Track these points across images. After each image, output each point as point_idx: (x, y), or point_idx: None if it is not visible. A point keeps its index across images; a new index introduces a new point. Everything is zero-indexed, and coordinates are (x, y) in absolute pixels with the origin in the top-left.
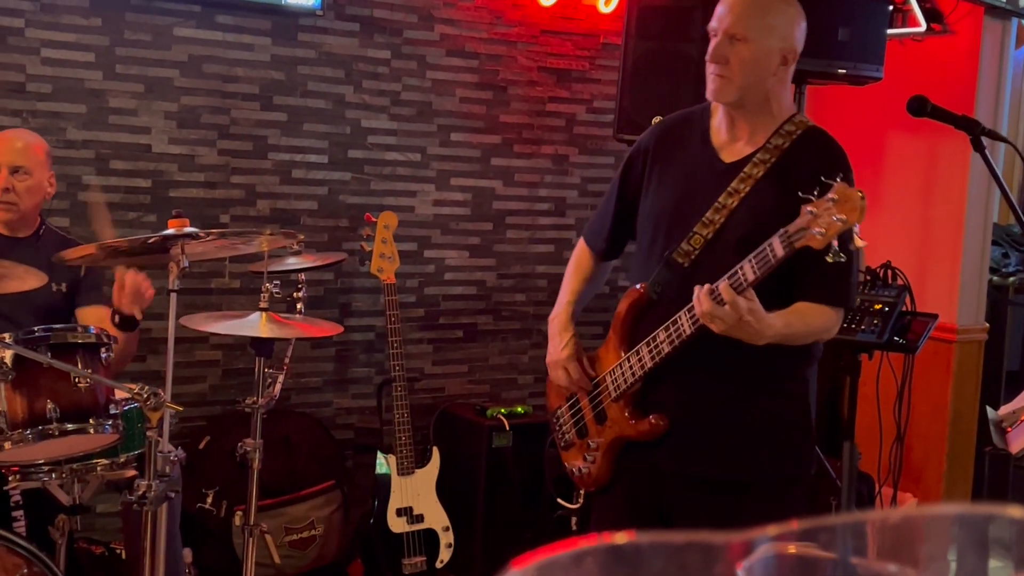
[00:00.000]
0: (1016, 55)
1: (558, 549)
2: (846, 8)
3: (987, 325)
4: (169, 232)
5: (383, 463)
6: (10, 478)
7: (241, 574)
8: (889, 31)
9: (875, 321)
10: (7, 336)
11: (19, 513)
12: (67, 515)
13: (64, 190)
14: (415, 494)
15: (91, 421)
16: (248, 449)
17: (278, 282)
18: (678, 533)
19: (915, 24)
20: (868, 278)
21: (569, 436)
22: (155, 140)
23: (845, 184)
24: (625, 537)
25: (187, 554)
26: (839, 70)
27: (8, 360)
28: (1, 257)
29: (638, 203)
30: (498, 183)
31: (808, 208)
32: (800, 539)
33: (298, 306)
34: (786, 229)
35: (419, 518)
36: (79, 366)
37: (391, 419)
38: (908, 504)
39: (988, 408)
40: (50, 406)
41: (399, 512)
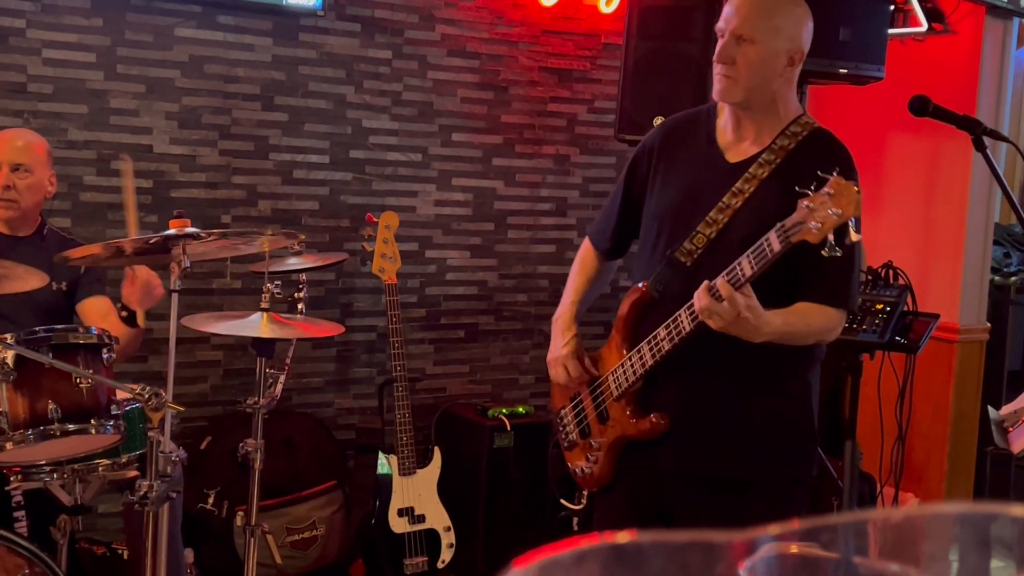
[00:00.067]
0: (1017, 55)
1: (560, 548)
2: (847, 8)
3: (989, 325)
4: (170, 232)
5: (384, 463)
6: (11, 478)
7: (243, 574)
8: (890, 31)
9: (876, 321)
10: (8, 336)
11: (20, 513)
12: (68, 515)
13: (65, 190)
14: (416, 494)
15: (92, 421)
16: (249, 449)
17: (279, 282)
18: (680, 532)
19: (916, 24)
20: (870, 278)
21: (572, 436)
22: (156, 140)
23: (840, 178)
24: (627, 536)
25: (189, 554)
26: (840, 70)
27: (9, 360)
28: (2, 257)
29: (643, 202)
30: (499, 183)
31: (804, 202)
32: (802, 538)
33: (299, 306)
34: (783, 223)
35: (420, 518)
36: (81, 366)
37: (392, 419)
38: (910, 504)
39: (989, 408)
40: (51, 406)
41: (400, 512)
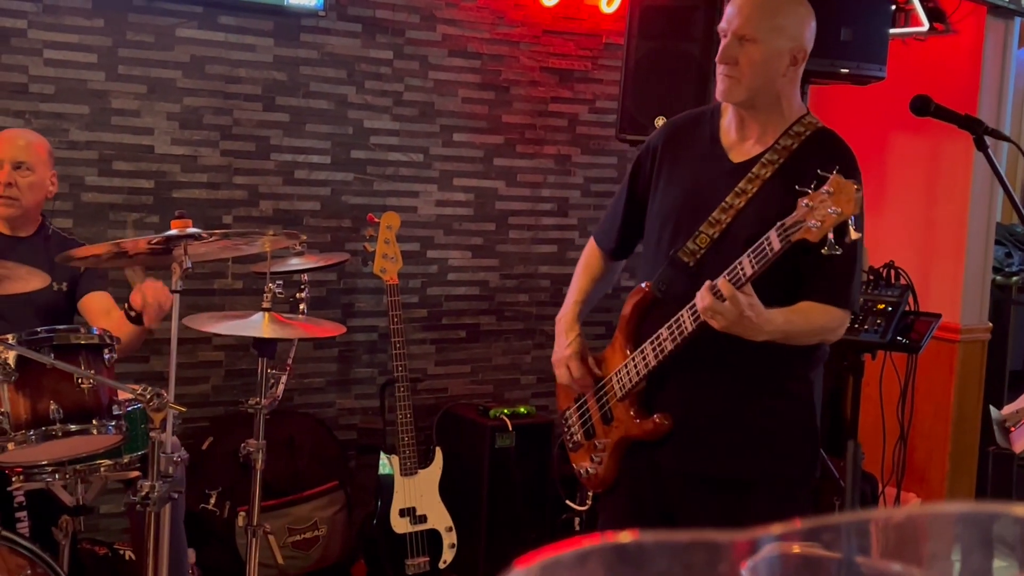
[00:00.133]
0: (1019, 54)
1: (562, 548)
2: (849, 8)
3: (990, 325)
4: (172, 233)
5: (386, 463)
6: (13, 479)
7: (244, 575)
8: (892, 31)
9: (878, 321)
10: (10, 337)
11: (22, 514)
12: (70, 516)
13: (67, 191)
14: (418, 494)
15: (94, 422)
16: (251, 450)
17: (281, 282)
18: (682, 532)
19: (918, 24)
20: (871, 278)
21: (577, 437)
22: (158, 141)
23: (840, 176)
24: (629, 536)
25: (190, 555)
26: (842, 70)
27: (11, 361)
28: (3, 257)
29: (647, 202)
30: (501, 183)
31: (804, 201)
32: (804, 538)
33: (301, 307)
34: (783, 222)
35: (422, 518)
36: (82, 367)
37: (394, 419)
38: (912, 504)
39: (991, 408)
40: (53, 407)
41: (402, 512)
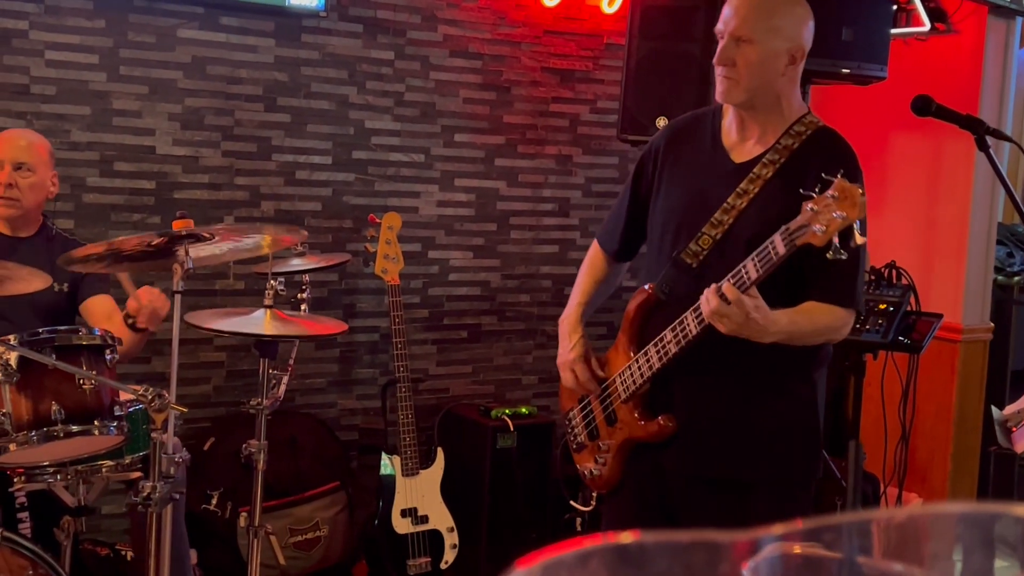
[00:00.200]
0: (1020, 54)
1: (563, 549)
2: (850, 8)
3: (992, 325)
4: (172, 231)
5: (387, 464)
6: (15, 480)
7: (246, 575)
8: (893, 31)
9: (880, 321)
10: (12, 338)
11: (24, 515)
12: (72, 517)
13: (68, 192)
14: (420, 495)
15: (96, 423)
16: (253, 450)
17: (282, 280)
18: (683, 532)
19: (919, 24)
20: (873, 278)
21: (581, 438)
22: (159, 142)
23: (845, 180)
24: (630, 536)
25: (192, 555)
26: (843, 70)
27: (13, 362)
28: (4, 258)
29: (650, 204)
30: (502, 184)
31: (809, 205)
32: (805, 539)
33: (302, 307)
34: (787, 226)
35: (424, 519)
36: (84, 368)
37: (395, 420)
38: (913, 504)
39: (993, 408)
40: (55, 408)
41: (403, 513)
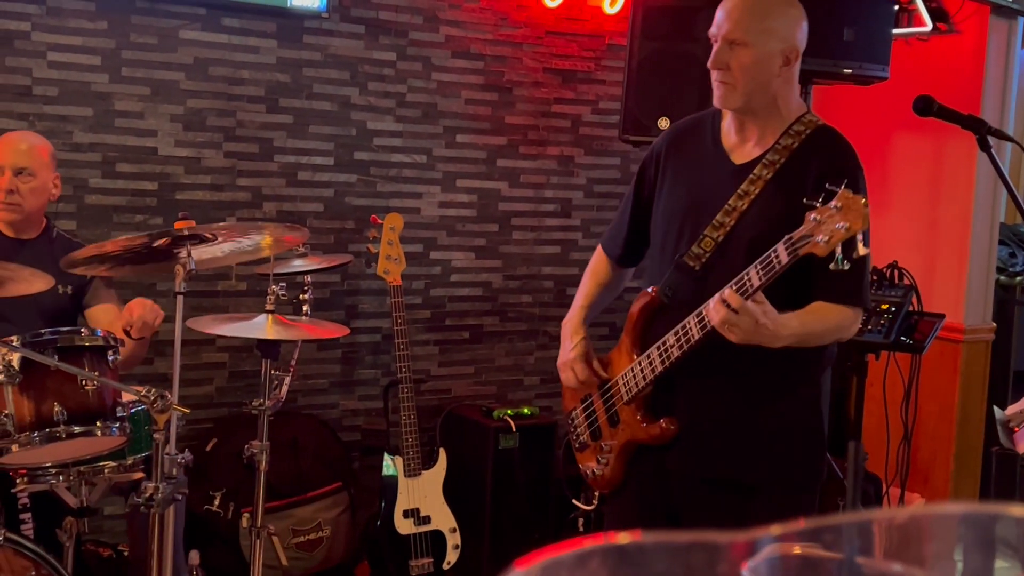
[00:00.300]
0: (1022, 54)
1: (562, 549)
2: (851, 8)
3: (994, 325)
4: (174, 232)
5: (390, 465)
6: (17, 481)
7: None
8: (895, 31)
9: (882, 321)
10: (14, 339)
11: (27, 516)
12: (74, 517)
13: (70, 193)
14: (422, 495)
15: (98, 424)
16: (255, 451)
17: (284, 284)
18: (683, 533)
19: (921, 24)
20: (875, 278)
21: (583, 438)
22: (161, 143)
23: (849, 191)
24: (629, 537)
25: (194, 556)
26: (845, 70)
27: (15, 363)
28: (7, 260)
29: (652, 207)
30: (504, 184)
31: (812, 215)
32: (805, 539)
33: (304, 308)
34: (791, 236)
35: (426, 519)
36: (86, 369)
37: (398, 421)
38: (915, 504)
39: (995, 408)
40: (57, 408)
41: (406, 514)
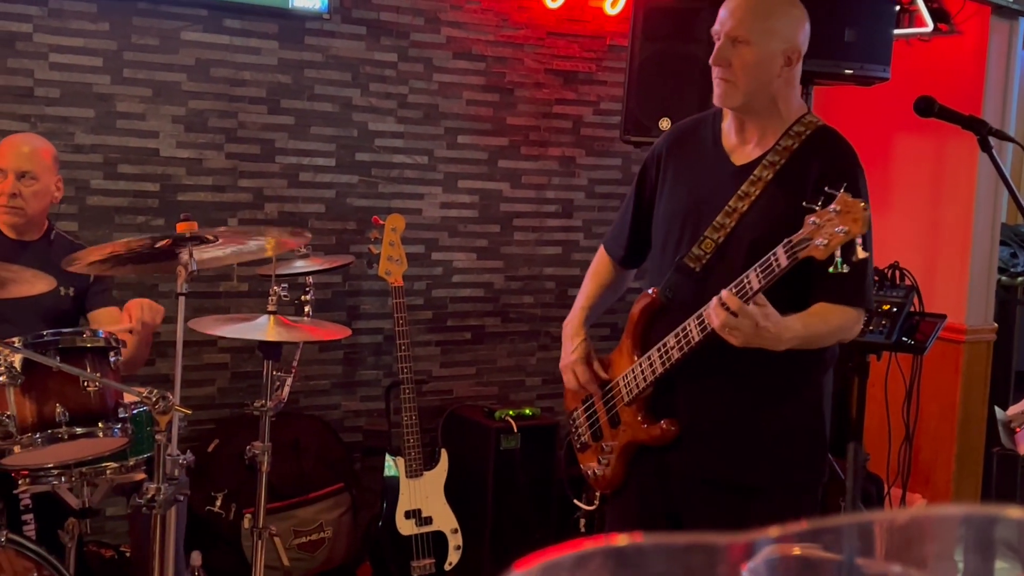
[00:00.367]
0: (1023, 55)
1: (562, 550)
2: (852, 8)
3: (996, 325)
4: (176, 233)
5: (391, 465)
6: (19, 482)
7: None
8: (896, 31)
9: (883, 322)
10: (16, 340)
11: (29, 517)
12: (76, 518)
13: (72, 194)
14: (423, 496)
15: (100, 425)
16: (257, 452)
17: (286, 285)
18: (682, 534)
19: (922, 24)
20: (876, 279)
21: (584, 438)
22: (163, 144)
23: (848, 195)
24: (628, 538)
25: (196, 557)
26: (846, 70)
27: (17, 364)
28: (9, 261)
29: (654, 208)
30: (505, 185)
31: (811, 219)
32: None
33: (306, 309)
34: (790, 239)
35: (427, 520)
36: (88, 370)
37: (399, 421)
38: (916, 505)
39: (997, 408)
40: (59, 410)
41: (407, 514)
